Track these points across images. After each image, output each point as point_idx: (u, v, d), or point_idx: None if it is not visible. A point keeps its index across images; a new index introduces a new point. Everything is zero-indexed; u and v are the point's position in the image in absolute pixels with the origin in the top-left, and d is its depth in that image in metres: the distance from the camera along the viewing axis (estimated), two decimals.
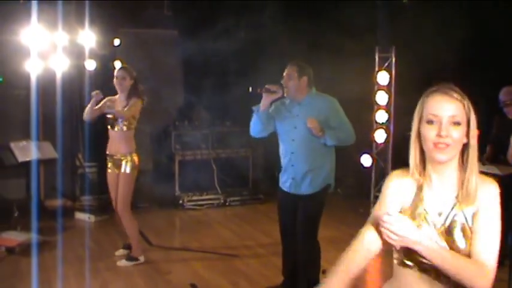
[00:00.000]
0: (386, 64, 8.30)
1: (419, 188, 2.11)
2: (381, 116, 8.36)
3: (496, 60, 6.66)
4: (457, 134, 1.99)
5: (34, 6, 6.59)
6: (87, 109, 5.83)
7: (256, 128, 4.75)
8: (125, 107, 5.69)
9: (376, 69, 8.34)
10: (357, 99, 8.22)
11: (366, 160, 8.59)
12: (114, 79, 5.78)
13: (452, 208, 2.04)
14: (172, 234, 7.26)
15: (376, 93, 8.33)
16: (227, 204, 8.53)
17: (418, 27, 7.69)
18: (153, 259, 5.91)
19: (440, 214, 2.06)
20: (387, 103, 8.32)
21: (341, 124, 4.65)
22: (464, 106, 2.01)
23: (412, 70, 7.52)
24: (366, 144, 8.57)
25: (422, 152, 2.09)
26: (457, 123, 1.99)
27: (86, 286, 5.21)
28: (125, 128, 5.74)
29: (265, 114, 4.65)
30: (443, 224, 2.04)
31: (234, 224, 7.61)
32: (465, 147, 2.04)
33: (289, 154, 4.71)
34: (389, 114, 8.34)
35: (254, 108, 4.69)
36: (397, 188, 2.17)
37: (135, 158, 5.78)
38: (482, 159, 5.66)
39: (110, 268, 5.70)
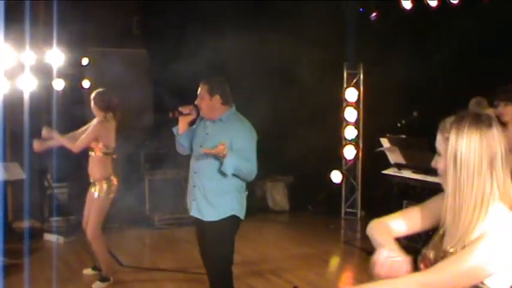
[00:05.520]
0: (354, 80, 8.41)
1: None
2: (350, 133, 8.44)
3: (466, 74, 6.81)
4: None
5: (1, 25, 6.53)
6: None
7: (179, 148, 4.61)
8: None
9: (345, 85, 8.44)
10: (325, 114, 8.32)
11: (336, 176, 8.65)
12: None
13: None
14: (143, 254, 7.19)
15: (344, 110, 8.42)
16: None
17: (386, 43, 7.83)
18: (124, 279, 5.83)
19: None
20: (356, 119, 8.42)
21: (245, 152, 4.18)
22: None
23: (380, 87, 7.64)
24: (335, 160, 8.64)
25: None
26: None
27: None
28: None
29: (183, 136, 4.48)
30: None
31: None
32: None
33: (193, 174, 4.47)
34: (358, 131, 8.43)
35: (173, 129, 4.54)
36: None
37: (103, 185, 5.60)
38: None
39: None
